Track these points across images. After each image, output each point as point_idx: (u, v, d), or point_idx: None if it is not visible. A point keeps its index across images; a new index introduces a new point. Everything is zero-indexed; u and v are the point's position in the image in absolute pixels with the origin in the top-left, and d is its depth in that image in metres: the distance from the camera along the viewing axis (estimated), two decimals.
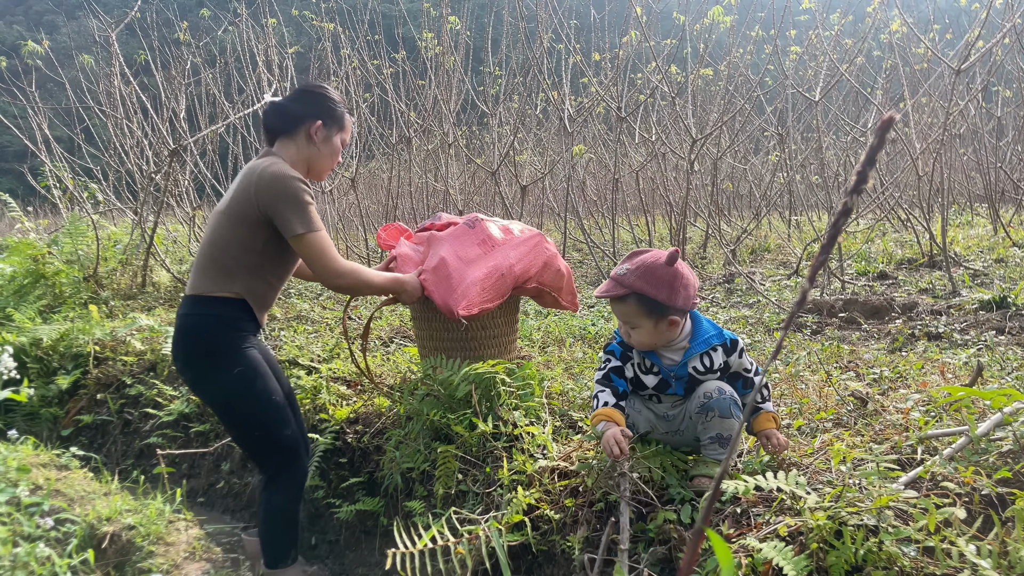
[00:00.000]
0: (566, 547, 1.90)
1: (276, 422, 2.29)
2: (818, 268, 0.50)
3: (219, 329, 2.24)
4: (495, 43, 7.95)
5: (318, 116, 2.35)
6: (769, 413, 1.92)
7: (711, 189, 7.93)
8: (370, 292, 2.48)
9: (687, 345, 1.93)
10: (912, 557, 1.41)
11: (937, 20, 7.99)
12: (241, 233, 2.23)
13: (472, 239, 2.62)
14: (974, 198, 10.08)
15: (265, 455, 2.32)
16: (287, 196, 2.18)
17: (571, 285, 2.80)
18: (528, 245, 2.64)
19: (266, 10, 6.93)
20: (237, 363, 2.23)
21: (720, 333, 1.95)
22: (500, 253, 2.57)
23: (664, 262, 1.83)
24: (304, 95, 2.40)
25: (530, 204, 9.51)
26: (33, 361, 4.12)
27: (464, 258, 2.55)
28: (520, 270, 2.56)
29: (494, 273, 2.50)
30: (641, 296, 1.82)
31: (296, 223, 2.19)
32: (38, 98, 7.25)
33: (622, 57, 6.52)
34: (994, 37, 5.18)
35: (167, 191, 6.25)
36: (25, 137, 6.42)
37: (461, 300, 2.43)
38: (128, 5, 7.00)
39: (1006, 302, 3.86)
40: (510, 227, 2.73)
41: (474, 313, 2.43)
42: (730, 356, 1.95)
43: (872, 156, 0.47)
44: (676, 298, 1.82)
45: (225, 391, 2.24)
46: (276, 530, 2.32)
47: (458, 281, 2.48)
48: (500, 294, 2.52)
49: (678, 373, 1.94)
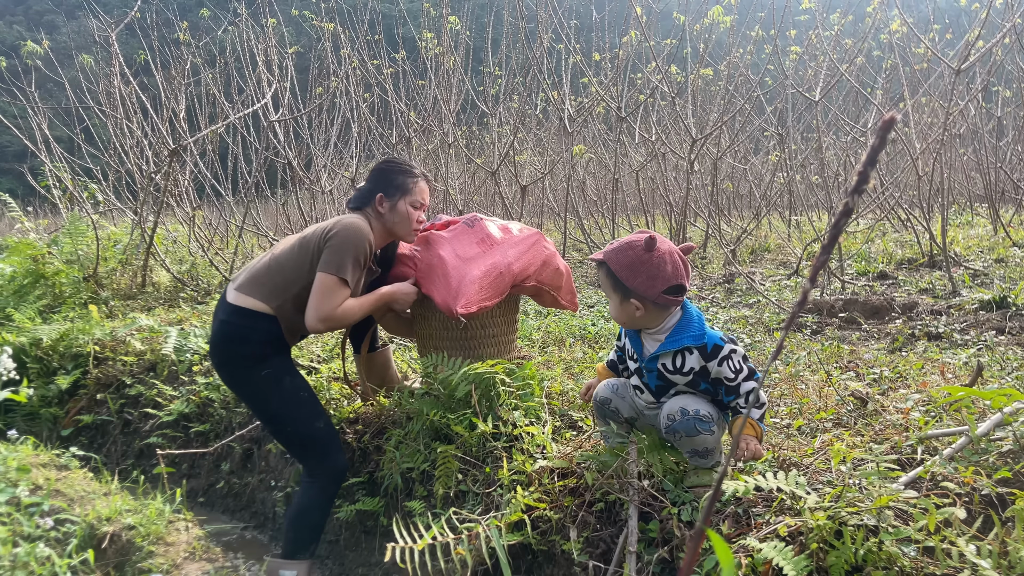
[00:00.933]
0: (566, 547, 1.90)
1: (307, 416, 2.43)
2: (819, 268, 0.50)
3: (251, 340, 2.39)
4: (495, 43, 7.96)
5: (380, 190, 2.54)
6: (750, 420, 1.81)
7: (711, 189, 7.93)
8: (359, 317, 2.48)
9: (663, 339, 1.88)
10: (912, 557, 1.41)
11: (937, 20, 7.99)
12: (302, 259, 2.40)
13: (471, 238, 2.62)
14: (974, 198, 10.08)
15: (301, 449, 2.46)
16: (343, 243, 2.36)
17: (570, 284, 2.80)
18: (527, 243, 2.64)
19: (266, 10, 6.93)
20: (267, 366, 2.40)
21: (700, 336, 1.83)
22: (499, 251, 2.58)
23: (641, 245, 1.83)
24: (371, 173, 2.62)
25: (530, 204, 9.51)
26: (33, 361, 4.12)
27: (463, 256, 2.55)
28: (519, 268, 2.56)
29: (493, 271, 2.50)
30: (609, 269, 1.86)
31: (330, 262, 2.34)
32: (38, 98, 7.25)
33: (622, 57, 6.52)
34: (994, 37, 5.18)
35: (167, 191, 6.25)
36: (25, 137, 6.42)
37: (460, 298, 2.43)
38: (128, 5, 7.00)
39: (1006, 302, 3.86)
40: (509, 226, 2.72)
41: (473, 311, 2.43)
42: (708, 361, 1.84)
43: (873, 156, 0.47)
44: (634, 281, 1.81)
45: (257, 390, 2.41)
46: (302, 523, 2.41)
47: (457, 279, 2.48)
48: (499, 292, 2.52)
49: (648, 366, 1.92)
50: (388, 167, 2.60)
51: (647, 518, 1.84)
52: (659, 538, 1.79)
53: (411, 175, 2.57)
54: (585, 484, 1.99)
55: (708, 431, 1.81)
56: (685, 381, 1.87)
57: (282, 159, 6.76)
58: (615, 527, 1.91)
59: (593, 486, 1.96)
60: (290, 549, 2.40)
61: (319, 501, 2.43)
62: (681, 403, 1.84)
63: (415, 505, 2.37)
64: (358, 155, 7.53)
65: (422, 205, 2.58)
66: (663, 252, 1.82)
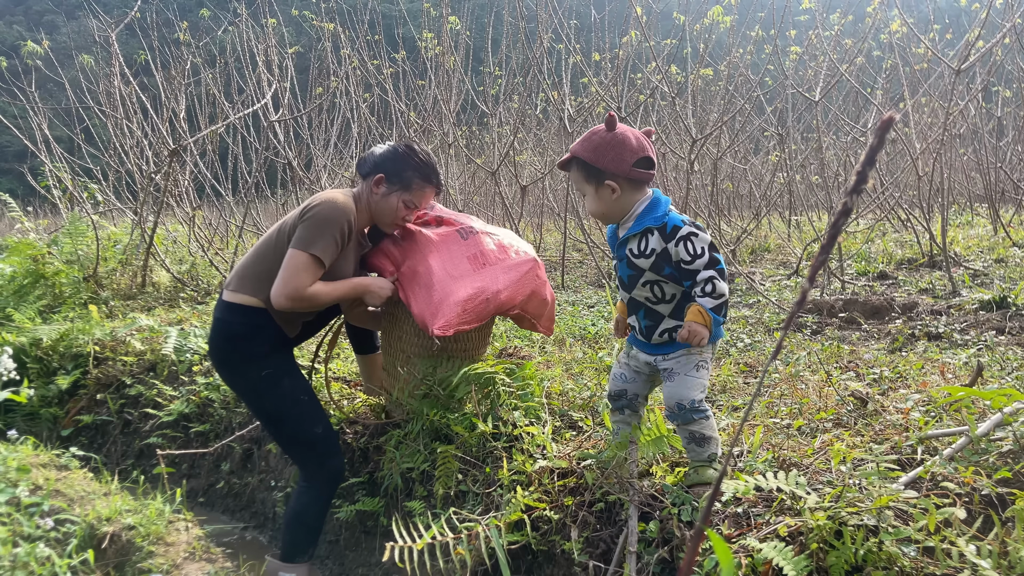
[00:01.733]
0: (566, 547, 1.90)
1: (304, 418, 2.39)
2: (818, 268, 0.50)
3: (246, 336, 2.34)
4: (495, 43, 7.95)
5: (383, 170, 2.41)
6: (700, 307, 1.80)
7: (711, 189, 7.93)
8: (328, 302, 2.38)
9: (631, 225, 1.90)
10: (912, 557, 1.41)
11: (937, 20, 7.99)
12: (280, 243, 2.32)
13: (463, 251, 2.49)
14: (974, 198, 10.07)
15: (299, 452, 2.44)
16: (321, 220, 2.25)
17: (551, 312, 2.69)
18: (519, 271, 2.49)
19: (266, 10, 6.93)
20: (265, 366, 2.35)
21: (662, 217, 1.86)
22: (489, 275, 2.44)
23: (603, 128, 1.89)
24: (388, 149, 2.46)
25: (530, 204, 9.51)
26: (33, 361, 4.12)
27: (451, 273, 2.42)
28: (506, 297, 2.43)
29: (479, 296, 2.37)
30: (579, 160, 1.91)
31: (302, 238, 2.24)
32: (38, 98, 7.24)
33: (622, 57, 6.52)
34: (994, 37, 5.18)
35: (167, 191, 6.25)
36: (25, 137, 6.42)
37: (439, 318, 2.32)
38: (128, 5, 7.00)
39: (1006, 302, 3.86)
40: (504, 244, 2.57)
41: (449, 335, 2.32)
42: (668, 243, 1.84)
43: (872, 156, 0.47)
44: (604, 160, 1.86)
45: (255, 390, 2.38)
46: (299, 525, 2.39)
47: (440, 295, 2.36)
48: (480, 318, 2.40)
49: (618, 254, 1.94)
50: (406, 155, 2.43)
51: (647, 518, 1.84)
52: (659, 538, 1.79)
53: (422, 175, 2.43)
54: (585, 484, 1.99)
55: (704, 417, 1.86)
56: (649, 264, 1.88)
57: (282, 159, 6.76)
58: (615, 527, 1.91)
59: (593, 486, 1.96)
60: (288, 551, 2.39)
61: (316, 504, 2.41)
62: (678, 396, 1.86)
63: (415, 505, 2.37)
64: (358, 155, 7.53)
65: (416, 207, 2.47)
66: (624, 130, 1.89)
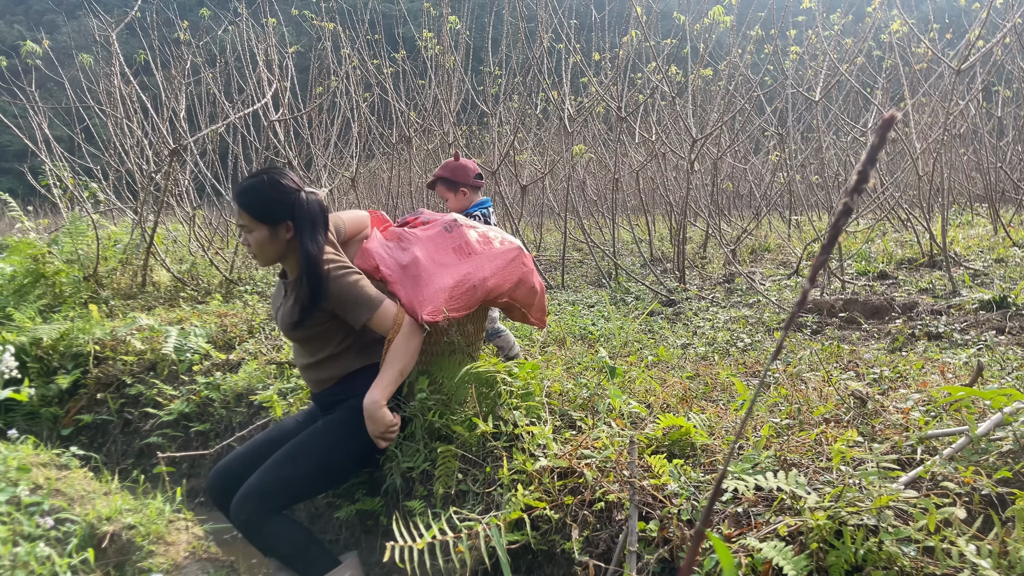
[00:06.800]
0: (566, 546, 1.90)
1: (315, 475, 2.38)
2: (818, 268, 0.50)
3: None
4: (495, 43, 7.96)
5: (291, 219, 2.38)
6: None
7: (711, 189, 7.93)
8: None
9: None
10: (912, 557, 1.41)
11: (937, 20, 7.99)
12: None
13: (448, 243, 2.51)
14: (974, 198, 10.08)
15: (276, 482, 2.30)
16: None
17: (543, 302, 2.71)
18: (505, 259, 2.52)
19: (266, 10, 6.93)
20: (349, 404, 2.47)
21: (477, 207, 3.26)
22: (475, 262, 2.47)
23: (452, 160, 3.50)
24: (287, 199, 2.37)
25: (530, 204, 9.52)
26: (33, 361, 4.12)
27: (438, 262, 2.45)
28: (493, 284, 2.46)
29: (466, 282, 2.40)
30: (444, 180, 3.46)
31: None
32: (38, 98, 7.24)
33: (622, 57, 6.52)
34: (994, 37, 5.18)
35: (167, 191, 6.25)
36: (25, 137, 6.41)
37: (427, 304, 2.35)
38: (128, 5, 6.99)
39: (1006, 302, 3.86)
40: (489, 236, 2.60)
41: (438, 320, 2.34)
42: None
43: (873, 156, 0.47)
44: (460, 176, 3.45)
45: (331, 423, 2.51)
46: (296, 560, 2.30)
47: (427, 283, 2.40)
48: (468, 305, 2.42)
49: None
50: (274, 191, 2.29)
51: (647, 518, 1.84)
52: (659, 538, 1.79)
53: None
54: (585, 483, 1.99)
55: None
56: None
57: (282, 159, 6.76)
58: (615, 527, 1.91)
59: (593, 485, 1.96)
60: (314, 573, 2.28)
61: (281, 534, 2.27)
62: None
63: (415, 504, 2.37)
64: (358, 155, 7.53)
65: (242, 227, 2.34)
66: (463, 160, 3.49)
